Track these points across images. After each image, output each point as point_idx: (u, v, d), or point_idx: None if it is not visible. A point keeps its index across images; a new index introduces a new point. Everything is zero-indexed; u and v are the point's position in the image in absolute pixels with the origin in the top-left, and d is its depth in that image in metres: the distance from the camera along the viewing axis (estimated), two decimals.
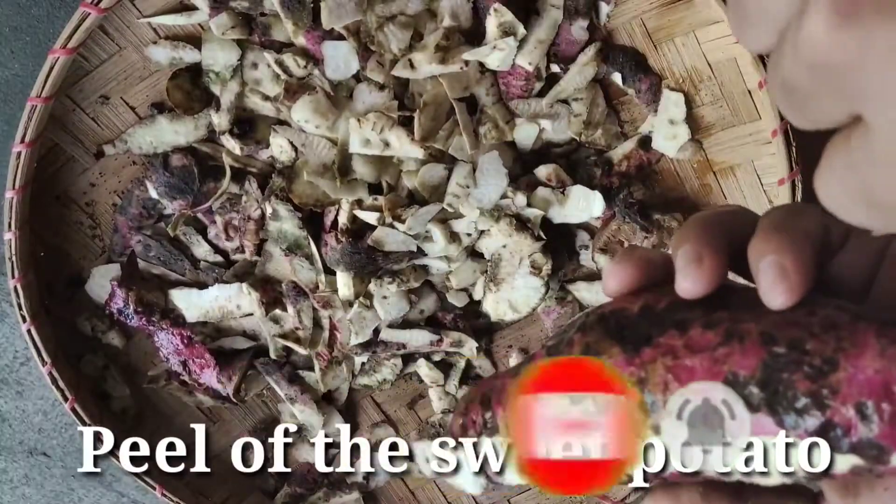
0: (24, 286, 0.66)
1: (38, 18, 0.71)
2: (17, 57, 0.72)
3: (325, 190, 0.66)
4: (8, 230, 0.64)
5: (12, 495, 1.12)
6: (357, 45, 0.63)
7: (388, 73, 0.64)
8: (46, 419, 1.11)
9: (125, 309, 0.69)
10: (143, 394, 0.74)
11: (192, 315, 0.71)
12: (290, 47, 0.65)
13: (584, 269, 0.72)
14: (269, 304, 0.71)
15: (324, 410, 0.76)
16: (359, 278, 0.69)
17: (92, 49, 0.63)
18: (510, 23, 0.62)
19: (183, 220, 0.70)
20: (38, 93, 0.61)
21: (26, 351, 1.12)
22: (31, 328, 0.67)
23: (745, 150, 0.66)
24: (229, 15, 0.63)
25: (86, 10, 0.59)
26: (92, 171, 0.68)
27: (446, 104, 0.65)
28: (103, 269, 0.70)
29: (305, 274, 0.70)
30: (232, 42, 0.65)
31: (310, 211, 0.68)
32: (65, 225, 0.69)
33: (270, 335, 0.72)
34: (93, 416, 0.69)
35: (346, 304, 0.70)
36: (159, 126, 0.67)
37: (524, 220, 0.67)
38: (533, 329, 0.75)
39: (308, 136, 0.66)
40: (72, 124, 0.66)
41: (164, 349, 0.72)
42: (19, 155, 0.62)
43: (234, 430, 0.77)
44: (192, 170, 0.67)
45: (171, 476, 0.74)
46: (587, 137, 0.67)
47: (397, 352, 0.73)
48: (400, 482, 0.80)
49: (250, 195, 0.68)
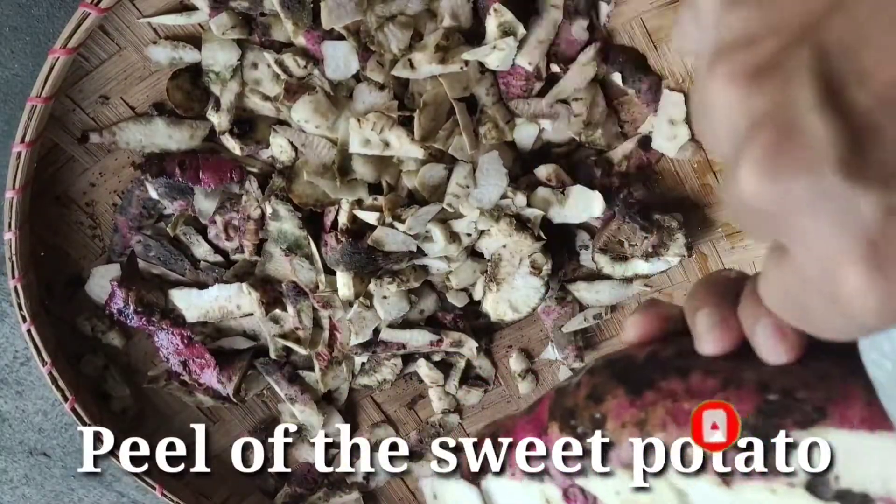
0: (24, 286, 0.66)
1: (38, 18, 0.71)
2: (17, 57, 0.72)
3: (325, 190, 0.66)
4: (8, 230, 0.64)
5: (12, 495, 1.12)
6: (357, 45, 0.63)
7: (388, 73, 0.64)
8: (46, 419, 1.11)
9: (125, 309, 0.69)
10: (143, 394, 0.74)
11: (192, 315, 0.71)
12: (290, 47, 0.64)
13: (584, 269, 0.72)
14: (269, 304, 0.71)
15: (324, 410, 0.76)
16: (359, 278, 0.69)
17: (92, 49, 0.63)
18: (510, 23, 0.61)
19: (183, 220, 0.70)
20: (38, 93, 0.61)
21: (26, 351, 1.11)
22: (31, 328, 0.67)
23: None
24: (229, 15, 0.63)
25: (86, 9, 0.59)
26: (92, 172, 0.68)
27: (446, 104, 0.65)
28: (103, 269, 0.70)
29: (305, 274, 0.70)
30: (232, 42, 0.64)
31: (310, 211, 0.68)
32: (65, 225, 0.69)
33: (270, 335, 0.72)
34: (93, 416, 0.69)
35: (346, 304, 0.70)
36: (154, 126, 0.67)
37: (524, 220, 0.67)
38: (533, 329, 0.75)
39: (308, 136, 0.66)
40: (72, 124, 0.66)
41: (164, 349, 0.72)
42: (19, 155, 0.62)
43: (234, 430, 0.77)
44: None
45: (171, 476, 0.74)
46: (587, 137, 0.67)
47: (397, 352, 0.73)
48: (400, 482, 0.80)
49: (250, 195, 0.68)
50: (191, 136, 0.67)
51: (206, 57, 0.65)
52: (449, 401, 0.76)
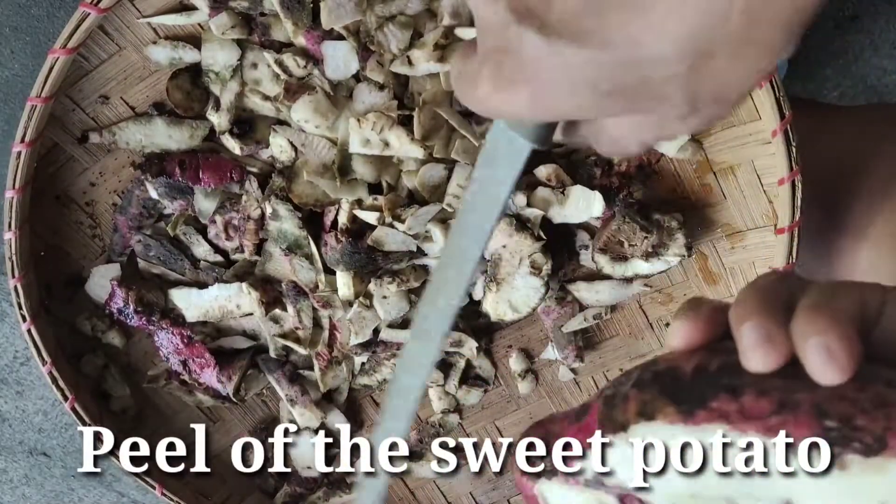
0: (24, 286, 0.66)
1: (38, 18, 0.72)
2: (17, 57, 0.72)
3: (325, 190, 0.66)
4: (8, 230, 0.64)
5: (12, 495, 1.12)
6: (357, 45, 0.63)
7: (388, 73, 0.64)
8: (46, 419, 1.11)
9: (125, 308, 0.69)
10: (143, 393, 0.74)
11: (192, 315, 0.71)
12: (290, 47, 0.64)
13: (584, 269, 0.72)
14: (269, 304, 0.71)
15: (324, 410, 0.76)
16: (359, 278, 0.69)
17: (92, 49, 0.63)
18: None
19: (183, 220, 0.70)
20: (37, 93, 0.61)
21: (26, 351, 1.12)
22: (30, 328, 0.67)
23: (745, 150, 0.66)
24: (229, 15, 0.63)
25: (85, 9, 0.59)
26: (92, 171, 0.68)
27: (446, 103, 0.65)
28: (103, 269, 0.70)
29: (305, 274, 0.70)
30: (231, 42, 0.65)
31: (310, 211, 0.68)
32: (65, 224, 0.69)
33: (270, 335, 0.72)
34: (93, 415, 0.69)
35: (345, 304, 0.70)
36: (154, 126, 0.67)
37: (524, 220, 0.67)
38: (533, 329, 0.75)
39: (308, 136, 0.66)
40: (72, 124, 0.66)
41: (163, 349, 0.72)
42: (19, 155, 0.62)
43: (234, 429, 0.77)
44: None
45: (171, 476, 0.74)
46: None
47: (397, 352, 0.73)
48: (400, 482, 0.80)
49: (250, 195, 0.68)
50: (191, 135, 0.67)
51: (205, 57, 0.65)
52: (449, 401, 0.76)
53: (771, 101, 0.62)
